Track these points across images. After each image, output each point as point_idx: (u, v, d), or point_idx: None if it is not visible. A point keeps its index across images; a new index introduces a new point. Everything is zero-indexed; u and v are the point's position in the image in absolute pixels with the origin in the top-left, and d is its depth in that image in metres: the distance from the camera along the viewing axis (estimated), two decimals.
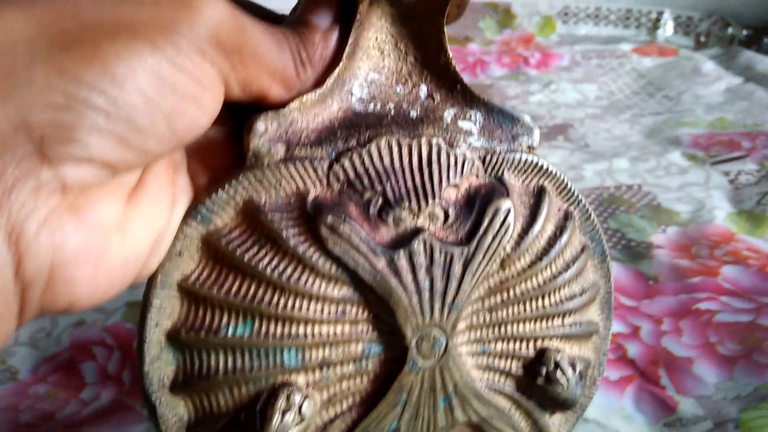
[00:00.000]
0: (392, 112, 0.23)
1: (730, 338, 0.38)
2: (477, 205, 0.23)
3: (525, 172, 0.24)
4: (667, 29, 1.05)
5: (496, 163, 0.24)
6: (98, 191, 0.17)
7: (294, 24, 0.22)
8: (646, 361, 0.38)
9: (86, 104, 0.15)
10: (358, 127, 0.22)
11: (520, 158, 0.24)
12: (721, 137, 0.65)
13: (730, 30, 1.04)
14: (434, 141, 0.23)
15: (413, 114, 0.23)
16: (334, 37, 0.22)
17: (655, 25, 1.05)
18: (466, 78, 0.90)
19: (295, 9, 0.23)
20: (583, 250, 0.26)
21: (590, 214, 0.26)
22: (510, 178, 0.24)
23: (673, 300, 0.42)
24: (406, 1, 0.22)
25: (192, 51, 0.18)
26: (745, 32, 1.03)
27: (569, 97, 0.82)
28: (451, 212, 0.23)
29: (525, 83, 0.86)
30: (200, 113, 0.19)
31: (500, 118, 0.24)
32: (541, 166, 0.24)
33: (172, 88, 0.17)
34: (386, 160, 0.22)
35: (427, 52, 0.23)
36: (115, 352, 0.40)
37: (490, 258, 0.23)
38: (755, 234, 0.49)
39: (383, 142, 0.22)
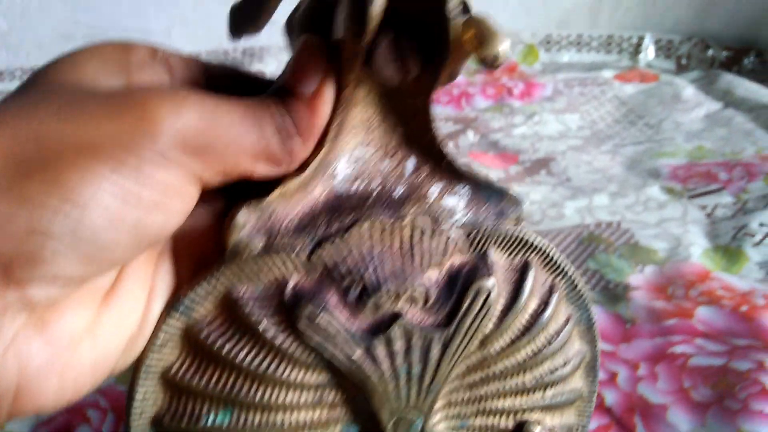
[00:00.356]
0: (377, 191, 0.23)
1: (704, 383, 0.39)
2: (459, 286, 0.23)
3: (510, 247, 0.24)
4: (649, 53, 1.07)
5: (481, 240, 0.24)
6: (67, 302, 0.18)
7: (279, 91, 0.21)
8: (623, 409, 0.39)
9: (49, 230, 0.16)
10: (340, 210, 0.22)
11: (506, 233, 0.24)
12: (699, 168, 0.67)
13: (710, 52, 1.06)
14: (418, 221, 0.23)
15: (398, 191, 0.23)
16: (323, 102, 0.21)
17: (637, 49, 1.07)
18: (452, 111, 0.92)
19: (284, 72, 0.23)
20: (568, 320, 0.26)
21: (576, 284, 0.26)
22: (495, 254, 0.24)
23: (649, 344, 0.43)
24: (391, 83, 0.22)
25: (156, 162, 0.18)
26: (725, 53, 1.05)
27: (552, 129, 0.83)
28: (432, 294, 0.23)
29: (509, 115, 0.88)
30: (168, 218, 0.19)
31: (487, 193, 0.24)
32: (527, 241, 0.24)
33: (137, 201, 0.17)
34: (366, 246, 0.22)
35: (414, 127, 0.23)
36: (109, 414, 0.41)
37: (470, 339, 0.23)
38: (730, 271, 0.50)
39: (365, 227, 0.22)
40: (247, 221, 0.21)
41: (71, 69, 0.20)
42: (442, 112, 0.91)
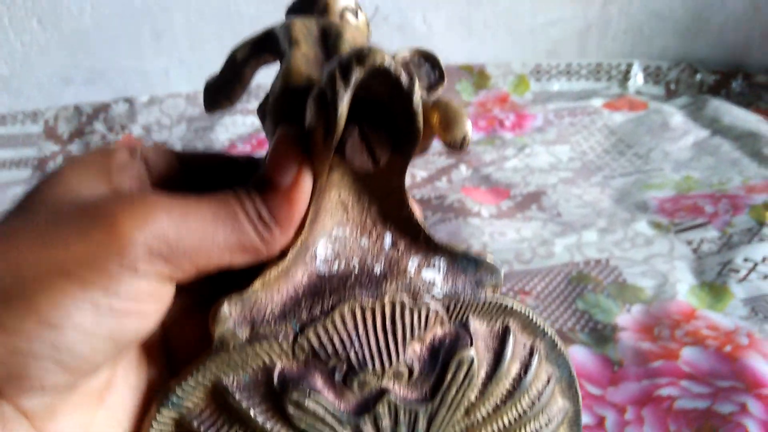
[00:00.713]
0: (356, 270, 0.23)
1: (688, 426, 0.40)
2: (441, 358, 0.24)
3: (489, 314, 0.25)
4: (638, 80, 1.08)
5: (460, 310, 0.24)
6: (65, 406, 0.19)
7: (258, 182, 0.21)
8: None
9: (29, 351, 0.17)
10: (321, 293, 0.23)
11: (485, 301, 0.25)
12: (686, 201, 0.68)
13: (699, 76, 1.07)
14: (398, 298, 0.23)
15: (377, 270, 0.24)
16: (300, 192, 0.21)
17: (626, 76, 1.09)
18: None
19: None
20: (549, 380, 0.27)
21: (556, 343, 0.27)
22: (474, 323, 0.25)
23: (636, 386, 0.44)
24: (363, 170, 0.23)
25: (126, 276, 0.18)
26: (713, 77, 1.07)
27: (542, 161, 0.85)
28: (416, 367, 0.23)
29: (500, 147, 0.89)
30: (144, 321, 0.20)
31: (464, 264, 0.25)
32: (505, 307, 0.25)
33: (109, 312, 0.18)
34: (350, 326, 0.23)
35: (390, 204, 0.24)
36: None
37: (455, 409, 0.24)
38: (715, 308, 0.51)
39: (346, 309, 0.23)
40: (230, 314, 0.22)
41: (57, 184, 0.21)
42: (435, 145, 0.92)
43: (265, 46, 0.27)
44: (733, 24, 1.09)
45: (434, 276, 0.24)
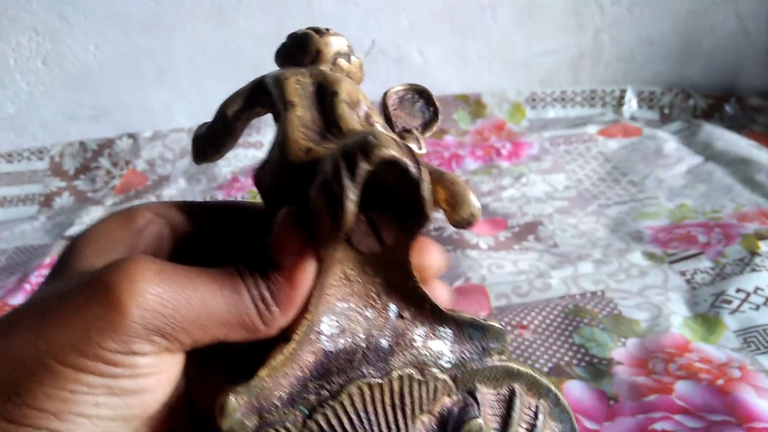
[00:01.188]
0: (363, 345, 0.23)
1: None
2: (450, 429, 0.24)
3: (496, 379, 0.25)
4: (632, 105, 1.10)
5: (467, 378, 0.24)
6: None
7: (261, 260, 0.21)
8: None
9: None
10: (329, 374, 0.22)
11: (491, 368, 0.24)
12: (679, 231, 0.70)
13: (692, 101, 1.09)
14: (405, 373, 0.23)
15: (384, 342, 0.23)
16: (303, 275, 0.21)
17: (620, 102, 1.11)
18: None
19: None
20: None
21: (559, 399, 0.27)
22: (482, 389, 0.24)
23: (632, 421, 0.45)
24: (371, 251, 0.23)
25: (121, 357, 0.19)
26: (706, 102, 1.09)
27: (539, 190, 0.87)
28: None
29: (497, 177, 0.91)
30: (151, 395, 0.20)
31: (470, 332, 0.24)
32: (510, 371, 0.25)
33: (109, 394, 0.19)
34: (359, 406, 0.22)
35: (395, 276, 0.23)
36: None
37: None
38: (709, 341, 0.52)
39: (354, 389, 0.22)
40: (238, 405, 0.21)
41: (77, 253, 0.22)
42: None
43: (257, 100, 0.26)
44: (723, 49, 1.11)
45: (441, 346, 0.24)
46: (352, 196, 0.19)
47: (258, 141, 1.08)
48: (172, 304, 0.19)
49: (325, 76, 0.26)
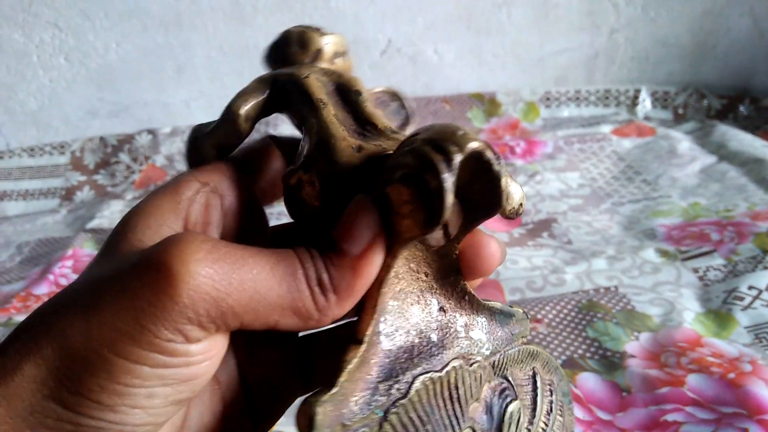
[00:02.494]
0: (416, 341, 0.23)
1: None
2: (495, 414, 0.24)
3: (522, 362, 0.26)
4: (646, 105, 1.11)
5: (503, 364, 0.25)
6: None
7: (325, 243, 0.21)
8: None
9: (92, 428, 0.18)
10: (394, 373, 0.22)
11: (519, 351, 0.26)
12: (692, 229, 0.70)
13: (706, 101, 1.10)
14: (457, 366, 0.23)
15: (434, 337, 0.24)
16: (369, 266, 0.20)
17: (634, 102, 1.11)
18: None
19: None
20: (561, 408, 0.28)
21: (563, 373, 0.28)
22: (514, 373, 0.25)
23: (644, 412, 0.47)
24: (436, 245, 0.23)
25: (175, 346, 0.18)
26: (720, 102, 1.09)
27: (553, 188, 0.87)
28: (477, 428, 0.24)
29: (512, 174, 0.92)
30: (198, 380, 0.20)
31: (500, 319, 0.25)
32: (533, 352, 0.26)
33: (161, 383, 0.19)
34: (424, 401, 0.22)
35: (438, 269, 0.24)
36: None
37: None
38: (720, 336, 0.53)
39: (420, 386, 0.22)
40: (325, 419, 0.20)
41: (127, 232, 0.21)
42: None
43: (276, 104, 0.25)
44: (738, 49, 1.11)
45: (480, 335, 0.25)
46: (451, 187, 0.19)
47: None
48: (224, 287, 0.18)
49: (341, 76, 0.26)
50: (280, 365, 0.25)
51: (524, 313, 0.26)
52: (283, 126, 1.10)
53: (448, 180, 0.19)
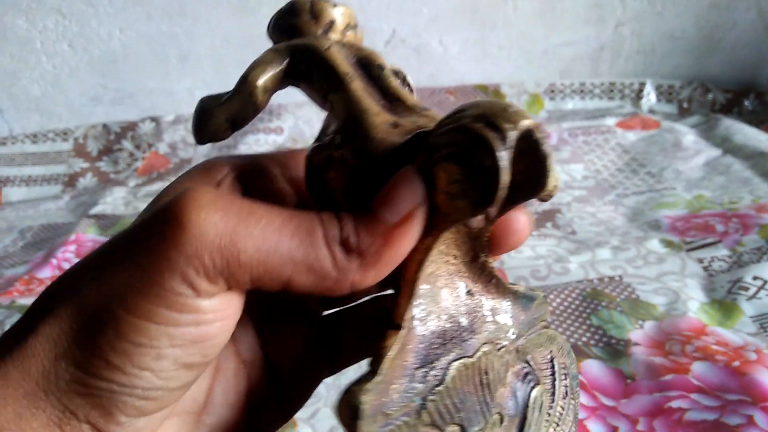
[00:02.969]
0: (447, 326, 0.22)
1: None
2: (520, 398, 0.24)
3: (542, 345, 0.25)
4: (651, 98, 1.11)
5: (526, 349, 0.25)
6: (159, 427, 0.20)
7: (356, 207, 0.20)
8: None
9: (104, 389, 0.18)
10: (429, 360, 0.22)
11: (539, 335, 0.25)
12: (697, 220, 0.70)
13: (711, 95, 1.09)
14: (486, 350, 0.23)
15: (464, 322, 0.23)
16: (403, 238, 0.19)
17: (639, 95, 1.11)
18: None
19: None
20: (573, 392, 0.28)
21: (573, 358, 0.28)
22: (535, 357, 0.25)
23: (648, 399, 0.46)
24: (476, 227, 0.22)
25: (189, 303, 0.18)
26: (725, 96, 1.09)
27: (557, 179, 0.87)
28: (504, 413, 0.23)
29: None
30: (213, 341, 0.19)
31: (524, 303, 0.25)
32: (551, 337, 0.26)
33: (170, 344, 0.18)
34: (459, 387, 0.22)
35: (466, 251, 0.23)
36: None
37: None
38: (725, 325, 0.53)
39: (455, 372, 0.22)
40: (370, 408, 0.19)
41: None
42: None
43: (292, 76, 0.24)
44: (744, 43, 1.11)
45: (506, 319, 0.24)
46: (507, 165, 0.18)
47: (278, 126, 1.09)
48: (230, 235, 0.18)
49: (361, 49, 0.25)
50: (304, 344, 0.25)
51: (543, 297, 0.26)
52: (286, 115, 1.10)
53: (504, 158, 0.18)
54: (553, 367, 0.26)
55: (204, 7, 1.06)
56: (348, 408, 0.19)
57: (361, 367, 0.22)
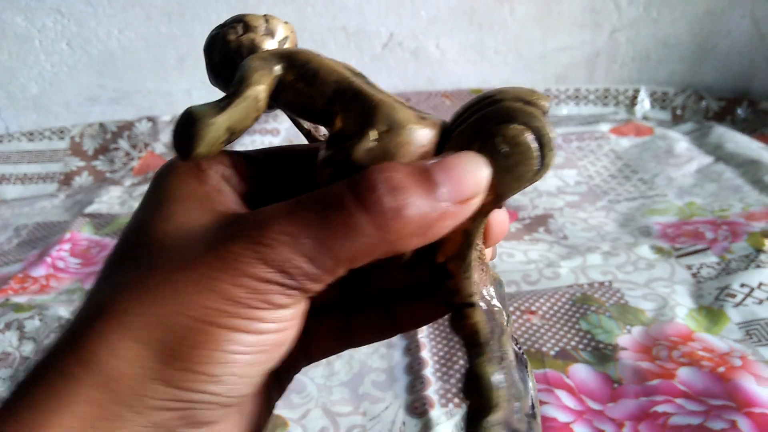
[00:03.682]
0: (486, 307, 0.23)
1: None
2: (523, 377, 0.24)
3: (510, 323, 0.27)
4: (645, 105, 1.12)
5: (509, 330, 0.25)
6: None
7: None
8: None
9: (196, 401, 0.18)
10: (494, 335, 0.22)
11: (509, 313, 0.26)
12: (687, 227, 0.71)
13: (704, 103, 1.10)
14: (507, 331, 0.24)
15: (494, 303, 0.24)
16: (456, 217, 0.20)
17: (633, 101, 1.12)
18: None
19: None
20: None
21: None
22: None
23: (634, 403, 0.47)
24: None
25: (268, 313, 0.19)
26: (719, 104, 1.10)
27: (550, 184, 0.88)
28: (529, 394, 0.24)
29: None
30: (287, 345, 0.20)
31: (498, 285, 0.25)
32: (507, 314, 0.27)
33: (258, 352, 0.19)
34: (512, 366, 0.23)
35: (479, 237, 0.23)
36: None
37: None
38: (712, 331, 0.54)
39: (509, 348, 0.23)
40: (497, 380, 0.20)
41: (164, 220, 0.20)
42: None
43: (282, 85, 0.23)
44: (738, 52, 1.12)
45: (497, 302, 0.25)
46: (555, 134, 0.20)
47: (275, 128, 1.10)
48: (312, 248, 0.18)
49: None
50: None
51: (502, 280, 0.26)
52: (282, 116, 1.11)
53: (548, 125, 0.20)
54: (521, 362, 0.26)
55: (203, 9, 1.07)
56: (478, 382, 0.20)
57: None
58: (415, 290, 0.26)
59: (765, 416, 0.44)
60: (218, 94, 0.24)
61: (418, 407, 0.50)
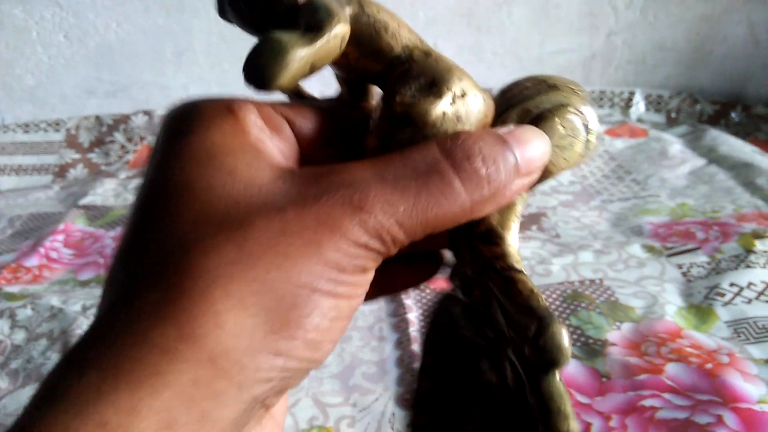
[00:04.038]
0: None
1: None
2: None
3: None
4: (640, 107, 1.12)
5: None
6: None
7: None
8: None
9: (296, 369, 0.18)
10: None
11: None
12: (678, 227, 0.71)
13: (699, 106, 1.11)
14: None
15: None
16: (523, 187, 0.21)
17: (628, 104, 1.13)
18: None
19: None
20: None
21: None
22: None
23: (622, 397, 0.47)
24: None
25: (362, 278, 0.19)
26: (713, 107, 1.11)
27: (545, 184, 0.88)
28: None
29: None
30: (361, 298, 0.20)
31: None
32: None
33: (348, 317, 0.19)
34: None
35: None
36: None
37: None
38: (700, 329, 0.54)
39: None
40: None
41: (227, 178, 0.18)
42: None
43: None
44: (733, 56, 1.13)
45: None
46: (598, 118, 0.23)
47: None
48: (407, 213, 0.18)
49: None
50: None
51: None
52: None
53: (595, 112, 0.22)
54: None
55: (201, 3, 1.07)
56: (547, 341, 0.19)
57: None
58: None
59: (750, 411, 0.44)
60: (213, 88, 0.23)
61: (408, 399, 0.50)
